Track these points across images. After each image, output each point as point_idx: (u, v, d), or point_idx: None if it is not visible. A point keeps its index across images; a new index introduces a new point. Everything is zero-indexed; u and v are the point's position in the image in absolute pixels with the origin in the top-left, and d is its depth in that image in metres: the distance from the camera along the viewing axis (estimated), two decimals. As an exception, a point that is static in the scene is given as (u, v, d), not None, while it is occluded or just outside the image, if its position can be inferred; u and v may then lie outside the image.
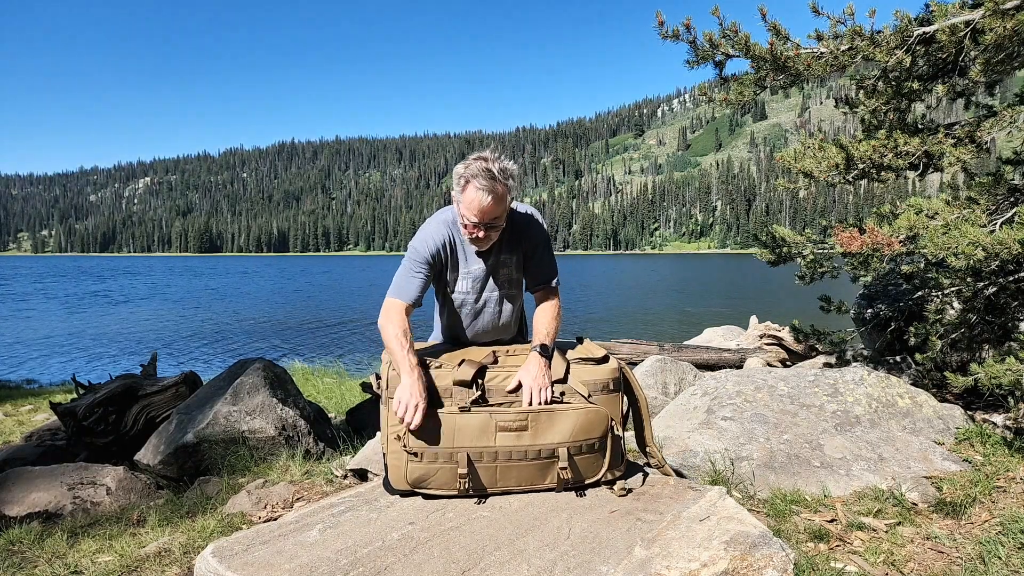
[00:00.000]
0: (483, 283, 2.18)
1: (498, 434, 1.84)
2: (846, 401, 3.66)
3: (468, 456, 1.82)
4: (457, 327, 2.25)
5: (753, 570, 1.53)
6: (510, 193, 1.99)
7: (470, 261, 2.16)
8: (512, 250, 2.17)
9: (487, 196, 1.92)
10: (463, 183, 1.96)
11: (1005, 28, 3.32)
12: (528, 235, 2.18)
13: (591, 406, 1.91)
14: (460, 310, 2.21)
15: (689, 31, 4.10)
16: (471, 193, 1.94)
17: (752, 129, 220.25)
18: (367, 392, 5.34)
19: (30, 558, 2.55)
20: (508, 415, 1.85)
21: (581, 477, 1.91)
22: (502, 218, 2.02)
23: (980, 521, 2.62)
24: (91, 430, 4.13)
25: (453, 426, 1.83)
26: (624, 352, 7.45)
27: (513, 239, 2.15)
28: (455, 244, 2.13)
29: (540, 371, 1.94)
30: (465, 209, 1.97)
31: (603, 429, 1.91)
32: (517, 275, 2.23)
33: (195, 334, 19.18)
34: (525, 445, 1.85)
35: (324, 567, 1.51)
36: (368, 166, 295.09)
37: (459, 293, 2.19)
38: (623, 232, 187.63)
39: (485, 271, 2.17)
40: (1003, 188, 4.02)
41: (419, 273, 2.08)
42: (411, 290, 2.06)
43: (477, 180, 1.92)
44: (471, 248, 2.13)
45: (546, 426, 1.87)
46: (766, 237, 4.95)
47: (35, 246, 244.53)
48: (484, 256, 2.15)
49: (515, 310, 2.29)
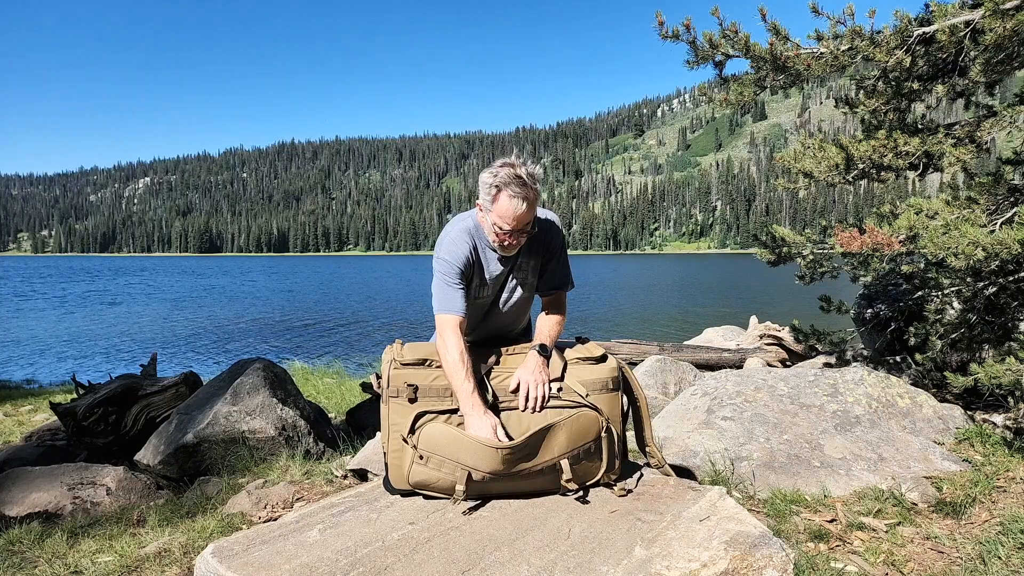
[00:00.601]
0: (501, 286, 2.20)
1: (504, 463, 1.82)
2: (846, 401, 3.66)
3: (470, 474, 1.81)
4: (474, 320, 2.26)
5: (753, 570, 1.53)
6: (540, 197, 2.00)
7: (491, 266, 2.16)
8: (531, 254, 2.18)
9: (522, 203, 1.92)
10: (494, 192, 1.95)
11: (1005, 28, 3.32)
12: (548, 241, 2.19)
13: (581, 409, 1.90)
14: (474, 310, 2.22)
15: (689, 31, 4.10)
16: (504, 202, 1.93)
17: (752, 129, 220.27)
18: (367, 392, 5.34)
19: (30, 558, 2.55)
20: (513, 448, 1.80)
21: (582, 481, 1.91)
22: (533, 223, 2.03)
23: (980, 521, 2.62)
24: (91, 430, 4.13)
25: (459, 443, 1.82)
26: (624, 352, 7.45)
27: (534, 244, 2.15)
28: (479, 251, 2.13)
29: (538, 368, 1.96)
30: (498, 218, 1.96)
31: (596, 431, 1.91)
32: (532, 279, 2.24)
33: (195, 334, 19.19)
34: (528, 465, 1.84)
35: (324, 567, 1.51)
36: (368, 166, 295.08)
37: (479, 296, 2.20)
38: (623, 232, 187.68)
39: (504, 274, 2.18)
40: (1003, 188, 4.02)
41: (458, 285, 2.07)
42: (458, 302, 2.04)
43: (510, 188, 1.91)
44: (492, 254, 2.13)
45: (546, 444, 1.86)
46: (766, 237, 4.95)
47: (35, 246, 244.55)
48: (504, 260, 2.15)
49: (528, 309, 2.33)
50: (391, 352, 2.10)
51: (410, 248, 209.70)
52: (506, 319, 2.27)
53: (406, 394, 1.95)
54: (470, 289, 2.14)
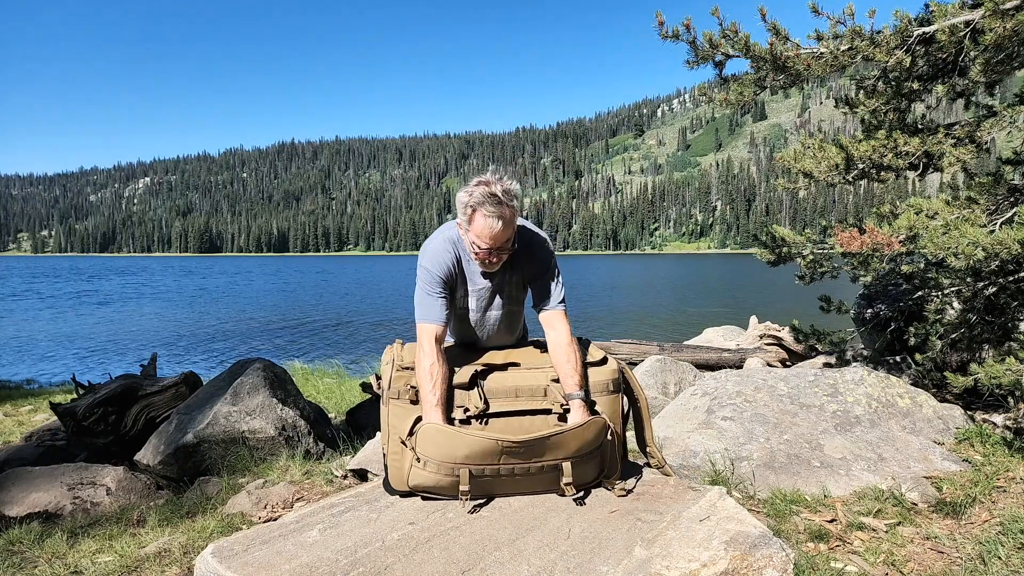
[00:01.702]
0: (489, 301, 2.19)
1: (503, 455, 1.81)
2: (846, 401, 3.66)
3: (471, 472, 1.80)
4: (467, 333, 2.27)
5: (753, 570, 1.53)
6: (517, 214, 1.98)
7: (476, 280, 2.15)
8: (516, 269, 2.15)
9: (497, 222, 1.91)
10: (469, 212, 1.94)
11: (1005, 28, 3.32)
12: (532, 257, 2.15)
13: (592, 419, 1.89)
14: (463, 323, 2.23)
15: (689, 31, 4.11)
16: (480, 221, 1.93)
17: (752, 129, 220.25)
18: (367, 392, 5.34)
19: (30, 558, 2.55)
20: (515, 443, 1.79)
21: (582, 481, 1.90)
22: (512, 239, 2.01)
23: (980, 521, 2.62)
24: (91, 430, 4.12)
25: (459, 441, 1.80)
26: (624, 352, 7.45)
27: (518, 258, 2.12)
28: (461, 262, 2.11)
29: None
30: (475, 237, 1.96)
31: (602, 437, 1.91)
32: (518, 294, 2.23)
33: (195, 334, 19.19)
34: (529, 463, 1.83)
35: (324, 567, 1.51)
36: (368, 166, 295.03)
37: (460, 309, 2.20)
38: (623, 232, 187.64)
39: (491, 289, 2.17)
40: (1003, 188, 4.02)
41: (439, 294, 2.06)
42: (436, 311, 2.04)
43: (484, 207, 1.90)
44: (476, 266, 2.11)
45: (552, 447, 1.85)
46: (766, 237, 4.95)
47: (35, 246, 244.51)
48: (490, 276, 2.14)
49: (520, 321, 2.32)
50: (391, 353, 2.10)
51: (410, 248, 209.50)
52: (498, 332, 2.26)
53: (406, 396, 1.94)
54: (455, 299, 2.14)
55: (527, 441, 1.79)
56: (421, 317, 2.04)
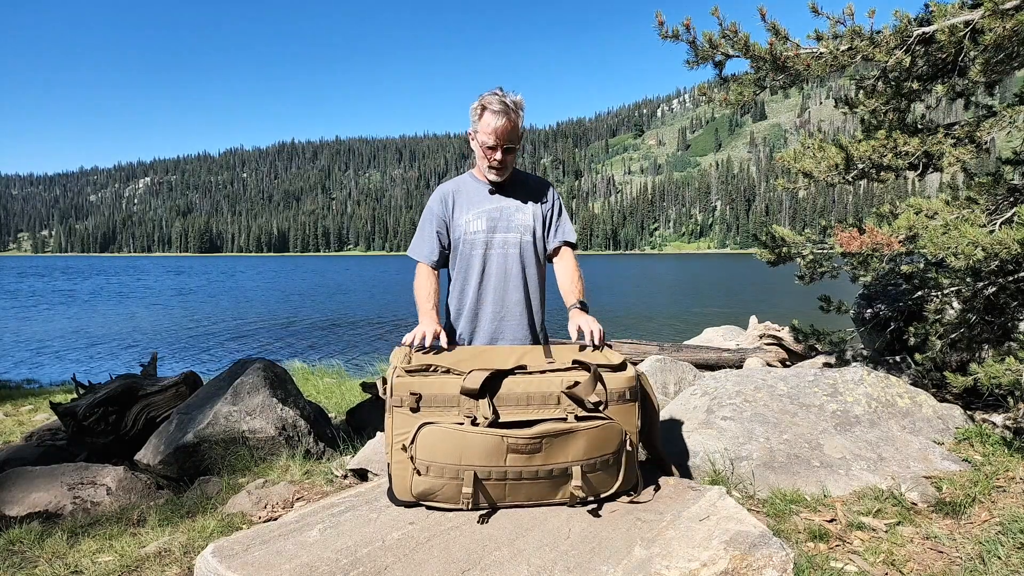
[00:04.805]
0: (496, 222, 2.29)
1: (509, 455, 1.75)
2: (846, 401, 3.66)
3: (475, 474, 1.74)
4: (468, 288, 2.31)
5: (753, 570, 1.53)
6: (521, 121, 2.21)
7: (483, 201, 2.30)
8: (530, 197, 2.34)
9: (501, 118, 2.15)
10: (479, 111, 2.18)
11: (1004, 28, 3.32)
12: (547, 193, 2.38)
13: (606, 421, 1.81)
14: (471, 260, 2.29)
15: (689, 31, 4.11)
16: (487, 118, 2.16)
17: (752, 129, 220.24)
18: (367, 392, 5.34)
19: (30, 558, 2.55)
20: (521, 438, 1.72)
21: (594, 492, 1.83)
22: (516, 143, 2.23)
23: (980, 521, 2.62)
24: (91, 430, 4.13)
25: (461, 442, 1.74)
26: (624, 352, 7.45)
27: (532, 189, 2.35)
28: (461, 191, 2.33)
29: (590, 318, 2.12)
30: (483, 134, 2.18)
31: (617, 444, 1.82)
32: (528, 220, 2.32)
33: (195, 334, 19.18)
34: (536, 465, 1.76)
35: (324, 567, 1.51)
36: (368, 166, 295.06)
37: (470, 234, 2.28)
38: (623, 232, 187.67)
39: (499, 209, 2.30)
40: (1003, 188, 4.02)
41: (431, 223, 2.31)
42: (424, 247, 2.31)
43: (491, 106, 2.15)
44: (482, 185, 2.31)
45: (560, 447, 1.78)
46: (766, 237, 4.95)
47: (35, 246, 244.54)
48: (500, 191, 2.30)
49: (531, 272, 2.33)
50: (397, 357, 2.04)
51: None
52: (510, 268, 2.29)
53: (408, 403, 1.84)
54: (456, 228, 2.32)
55: (534, 436, 1.73)
56: (412, 252, 2.34)
